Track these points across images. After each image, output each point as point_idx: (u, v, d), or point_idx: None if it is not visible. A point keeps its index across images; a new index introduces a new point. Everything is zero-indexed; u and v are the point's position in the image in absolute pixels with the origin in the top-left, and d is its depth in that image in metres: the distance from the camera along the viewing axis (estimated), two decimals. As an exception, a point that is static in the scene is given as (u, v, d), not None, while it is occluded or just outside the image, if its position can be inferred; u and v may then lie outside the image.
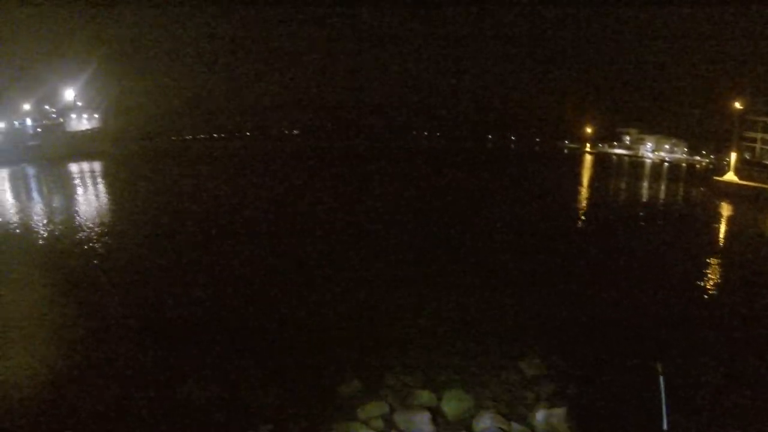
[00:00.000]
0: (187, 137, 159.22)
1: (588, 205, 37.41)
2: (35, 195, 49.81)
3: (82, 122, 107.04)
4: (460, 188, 45.75)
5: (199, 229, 29.62)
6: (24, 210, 38.60)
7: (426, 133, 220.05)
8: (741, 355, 14.21)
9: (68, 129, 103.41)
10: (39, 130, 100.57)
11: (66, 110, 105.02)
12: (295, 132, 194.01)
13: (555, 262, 22.33)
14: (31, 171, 73.28)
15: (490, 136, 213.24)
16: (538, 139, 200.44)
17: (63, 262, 23.20)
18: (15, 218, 34.62)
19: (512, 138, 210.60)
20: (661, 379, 7.43)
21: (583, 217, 32.87)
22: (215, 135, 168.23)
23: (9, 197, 46.98)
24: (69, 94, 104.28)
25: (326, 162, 75.52)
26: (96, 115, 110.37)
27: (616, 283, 20.21)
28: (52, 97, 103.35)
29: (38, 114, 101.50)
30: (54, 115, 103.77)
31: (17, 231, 30.62)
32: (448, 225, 30.03)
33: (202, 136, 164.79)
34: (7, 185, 57.66)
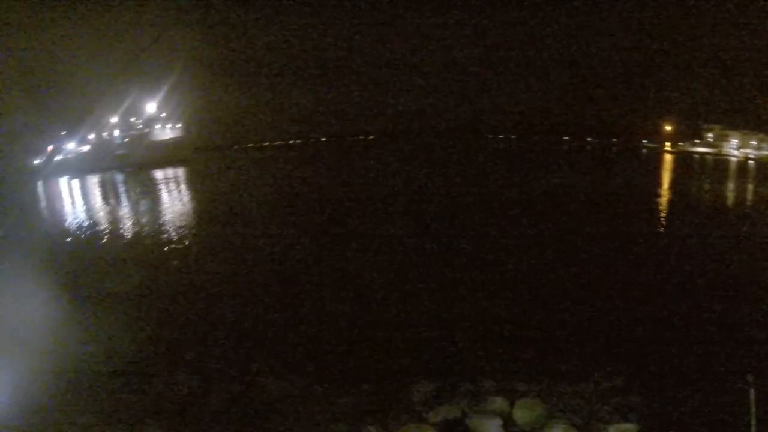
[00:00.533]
0: (264, 144, 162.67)
1: (669, 208, 35.58)
2: (122, 199, 52.58)
3: (166, 132, 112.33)
4: (537, 192, 43.56)
5: (277, 232, 30.14)
6: (112, 212, 40.74)
7: (501, 136, 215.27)
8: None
9: (153, 138, 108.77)
10: (126, 139, 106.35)
11: (151, 121, 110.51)
12: (371, 137, 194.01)
13: (634, 269, 21.31)
14: (118, 177, 77.50)
15: (566, 138, 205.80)
16: (614, 139, 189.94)
17: (145, 260, 24.27)
18: (104, 220, 36.62)
19: (588, 138, 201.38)
20: (752, 391, 6.90)
21: (663, 221, 31.43)
22: (290, 141, 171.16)
23: (99, 201, 49.81)
24: (152, 106, 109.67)
25: (407, 165, 75.12)
26: (179, 125, 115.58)
27: (699, 291, 19.05)
28: (137, 109, 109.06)
29: (125, 125, 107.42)
30: (140, 126, 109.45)
31: (106, 231, 32.38)
32: (526, 229, 29.02)
33: (277, 143, 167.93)
34: (97, 191, 61.18)
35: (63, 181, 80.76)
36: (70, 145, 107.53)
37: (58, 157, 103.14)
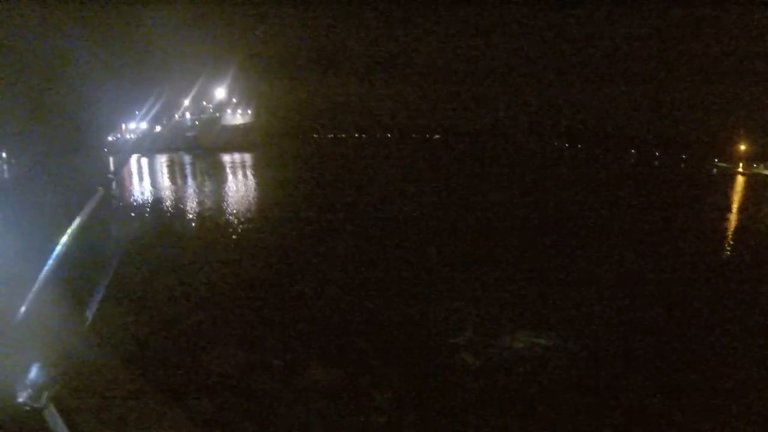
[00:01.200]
0: (329, 135, 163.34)
1: (737, 235, 31.88)
2: (189, 179, 51.66)
3: (236, 117, 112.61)
4: (590, 209, 40.40)
5: (343, 220, 27.69)
6: (177, 191, 39.55)
7: (567, 144, 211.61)
8: None
9: (223, 123, 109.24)
10: (196, 122, 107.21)
11: (222, 106, 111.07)
12: (437, 136, 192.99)
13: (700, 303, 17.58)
14: (187, 158, 77.53)
15: (633, 151, 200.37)
16: (684, 156, 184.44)
17: (204, 241, 22.34)
18: (168, 199, 35.29)
19: (656, 154, 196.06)
20: None
21: (730, 251, 27.51)
22: (356, 135, 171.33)
23: (167, 180, 49.00)
24: (221, 92, 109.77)
25: (474, 168, 72.05)
26: (249, 111, 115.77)
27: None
28: (209, 94, 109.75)
29: (197, 109, 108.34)
30: (211, 110, 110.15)
31: (169, 210, 30.86)
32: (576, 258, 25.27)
33: (343, 135, 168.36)
34: (165, 169, 60.81)
35: (133, 159, 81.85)
36: (143, 125, 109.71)
37: (131, 136, 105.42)
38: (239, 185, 45.14)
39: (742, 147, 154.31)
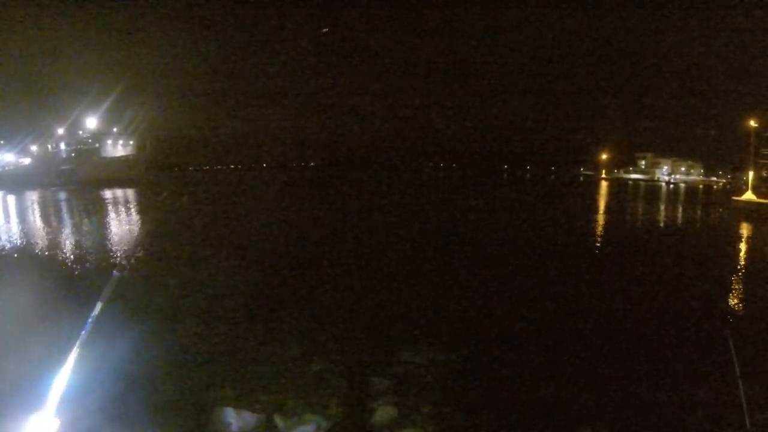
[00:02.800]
0: (206, 167, 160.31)
1: (604, 228, 35.41)
2: (63, 217, 46.04)
3: (117, 148, 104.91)
4: (473, 214, 42.14)
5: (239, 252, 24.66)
6: (51, 233, 34.62)
7: (441, 165, 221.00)
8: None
9: (102, 155, 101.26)
10: (72, 154, 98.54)
11: (101, 136, 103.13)
12: (312, 164, 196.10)
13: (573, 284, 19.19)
14: (62, 195, 70.20)
15: (505, 167, 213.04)
16: (553, 168, 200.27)
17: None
18: (39, 241, 30.54)
19: (527, 168, 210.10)
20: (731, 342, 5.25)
21: (599, 240, 30.83)
22: (232, 166, 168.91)
23: (36, 219, 43.32)
24: (92, 121, 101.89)
25: (345, 190, 71.80)
26: (130, 142, 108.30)
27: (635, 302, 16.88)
28: (86, 123, 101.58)
29: (72, 139, 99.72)
30: (89, 140, 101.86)
31: (40, 252, 26.36)
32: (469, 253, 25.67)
33: (219, 167, 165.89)
34: (36, 207, 54.29)
35: (-3, 196, 73.24)
36: (8, 157, 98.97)
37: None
38: (122, 225, 40.49)
39: (604, 156, 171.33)
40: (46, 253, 26.07)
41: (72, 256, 24.85)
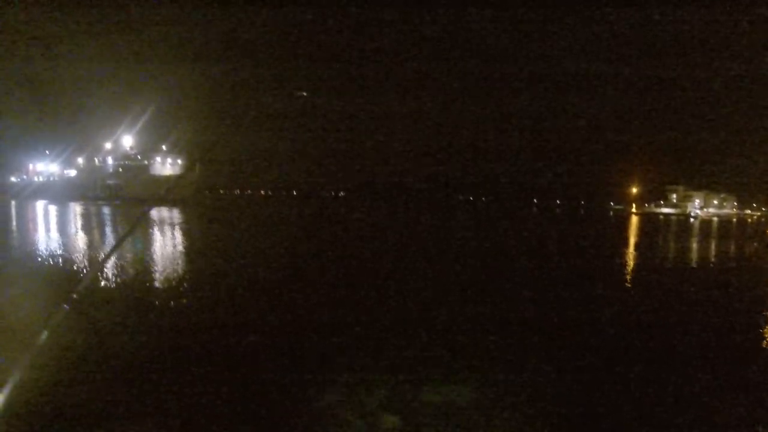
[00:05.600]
0: (249, 192, 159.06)
1: (633, 266, 32.68)
2: (107, 235, 40.26)
3: (165, 166, 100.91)
4: (506, 250, 40.10)
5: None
6: (93, 247, 28.92)
7: (471, 198, 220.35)
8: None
9: (150, 172, 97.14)
10: (120, 169, 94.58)
11: (149, 153, 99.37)
12: (341, 194, 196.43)
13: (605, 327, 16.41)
14: (106, 210, 65.10)
15: (535, 200, 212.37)
16: (582, 202, 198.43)
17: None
18: (79, 256, 24.83)
19: (557, 201, 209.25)
20: None
21: (628, 279, 28.16)
22: (269, 192, 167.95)
23: (77, 232, 37.75)
24: (140, 138, 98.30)
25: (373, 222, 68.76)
26: (179, 161, 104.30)
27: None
28: (134, 139, 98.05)
29: (119, 154, 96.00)
30: (137, 157, 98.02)
31: (78, 269, 20.66)
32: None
33: (263, 192, 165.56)
34: (78, 221, 48.96)
35: (40, 205, 68.72)
36: (53, 168, 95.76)
37: (38, 179, 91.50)
38: (169, 247, 34.67)
39: (634, 189, 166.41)
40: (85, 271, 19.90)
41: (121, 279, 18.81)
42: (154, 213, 63.17)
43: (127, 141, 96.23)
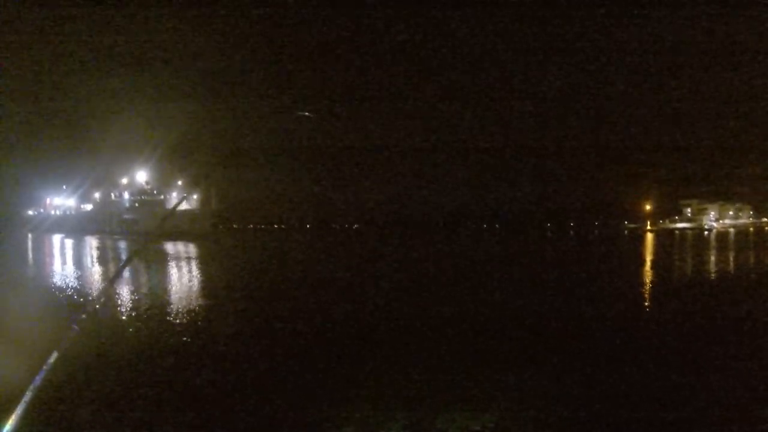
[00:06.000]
0: (261, 226, 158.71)
1: (651, 286, 32.14)
2: (124, 271, 39.45)
3: (182, 201, 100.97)
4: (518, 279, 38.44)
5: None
6: (106, 280, 28.21)
7: (485, 226, 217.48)
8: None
9: (166, 207, 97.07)
10: (136, 204, 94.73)
11: (165, 188, 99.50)
12: (356, 226, 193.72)
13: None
14: (122, 244, 64.63)
15: (549, 225, 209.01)
16: (596, 223, 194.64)
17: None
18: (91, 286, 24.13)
19: (571, 224, 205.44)
20: None
21: (647, 301, 27.08)
22: (282, 226, 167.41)
23: (93, 265, 37.04)
24: (169, 172, 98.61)
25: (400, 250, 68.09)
26: (194, 196, 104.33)
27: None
28: (150, 174, 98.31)
29: (135, 189, 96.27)
30: (154, 192, 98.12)
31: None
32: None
33: (275, 225, 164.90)
34: (94, 253, 48.33)
35: (56, 239, 68.60)
36: (70, 202, 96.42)
37: (55, 212, 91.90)
38: (186, 283, 33.83)
39: (647, 206, 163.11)
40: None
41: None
42: (170, 247, 62.57)
43: (143, 176, 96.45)
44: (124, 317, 18.33)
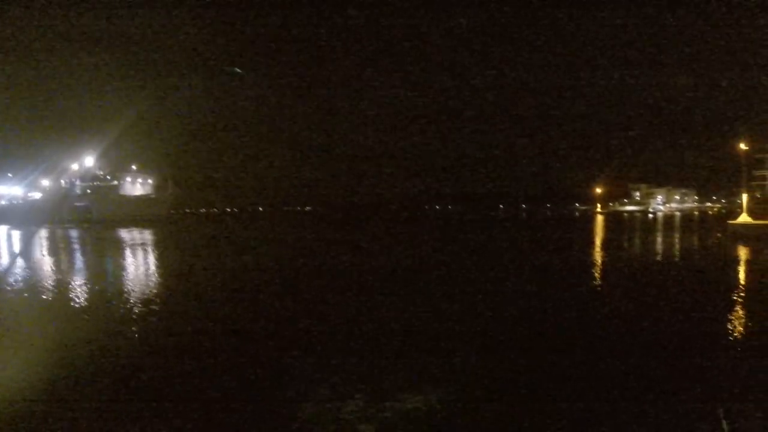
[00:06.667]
0: (214, 210, 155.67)
1: (601, 262, 33.82)
2: (74, 256, 37.10)
3: (136, 186, 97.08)
4: (471, 250, 41.28)
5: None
6: (57, 269, 26.20)
7: (437, 207, 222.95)
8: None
9: (121, 192, 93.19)
10: (88, 191, 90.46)
11: (119, 173, 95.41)
12: (308, 208, 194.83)
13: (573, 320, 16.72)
14: (73, 233, 61.35)
15: (501, 206, 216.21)
16: (549, 205, 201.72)
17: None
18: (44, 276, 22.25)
19: (523, 206, 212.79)
20: (725, 423, 6.33)
21: (596, 275, 28.81)
22: (235, 210, 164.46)
23: (43, 256, 34.62)
24: (123, 157, 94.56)
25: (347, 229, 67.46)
26: (149, 181, 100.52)
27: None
28: (105, 159, 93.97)
29: (87, 175, 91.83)
30: (107, 177, 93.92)
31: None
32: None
33: (228, 209, 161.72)
34: (44, 244, 45.52)
35: (2, 230, 64.86)
36: (16, 191, 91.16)
37: (0, 202, 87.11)
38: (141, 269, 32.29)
39: (598, 190, 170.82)
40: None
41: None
42: (126, 234, 59.84)
43: (95, 161, 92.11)
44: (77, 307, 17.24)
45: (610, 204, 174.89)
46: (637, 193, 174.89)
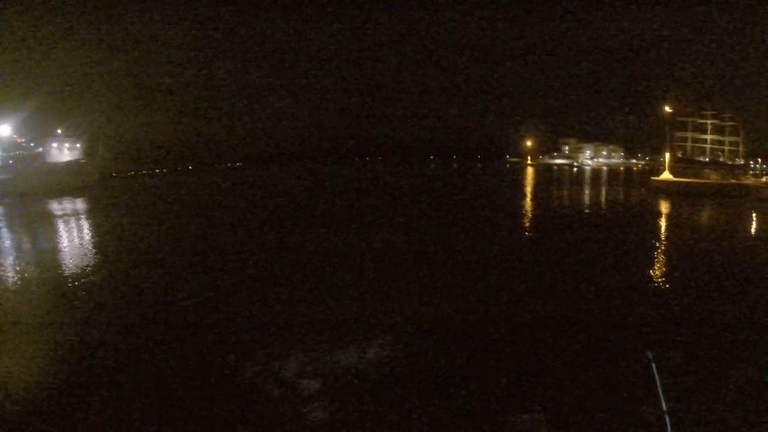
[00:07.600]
0: (157, 171, 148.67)
1: (532, 212, 35.14)
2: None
3: (63, 152, 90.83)
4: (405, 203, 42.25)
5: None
6: None
7: (367, 158, 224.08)
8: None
9: (46, 160, 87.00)
10: (10, 161, 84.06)
11: (45, 139, 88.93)
12: (239, 164, 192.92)
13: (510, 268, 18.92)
14: (-2, 209, 56.85)
15: (432, 157, 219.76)
16: (479, 157, 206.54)
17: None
18: None
19: (454, 158, 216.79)
20: (653, 366, 6.59)
21: (527, 224, 30.15)
22: (164, 170, 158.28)
23: None
24: (46, 120, 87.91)
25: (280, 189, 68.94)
26: (78, 145, 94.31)
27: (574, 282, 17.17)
28: (26, 124, 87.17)
29: (9, 143, 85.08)
30: (30, 145, 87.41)
31: None
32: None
33: (158, 170, 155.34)
34: None
35: None
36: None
37: None
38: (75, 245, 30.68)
39: (529, 143, 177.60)
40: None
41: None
42: (56, 206, 56.06)
43: (14, 127, 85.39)
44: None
45: (540, 157, 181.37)
46: (567, 147, 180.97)
